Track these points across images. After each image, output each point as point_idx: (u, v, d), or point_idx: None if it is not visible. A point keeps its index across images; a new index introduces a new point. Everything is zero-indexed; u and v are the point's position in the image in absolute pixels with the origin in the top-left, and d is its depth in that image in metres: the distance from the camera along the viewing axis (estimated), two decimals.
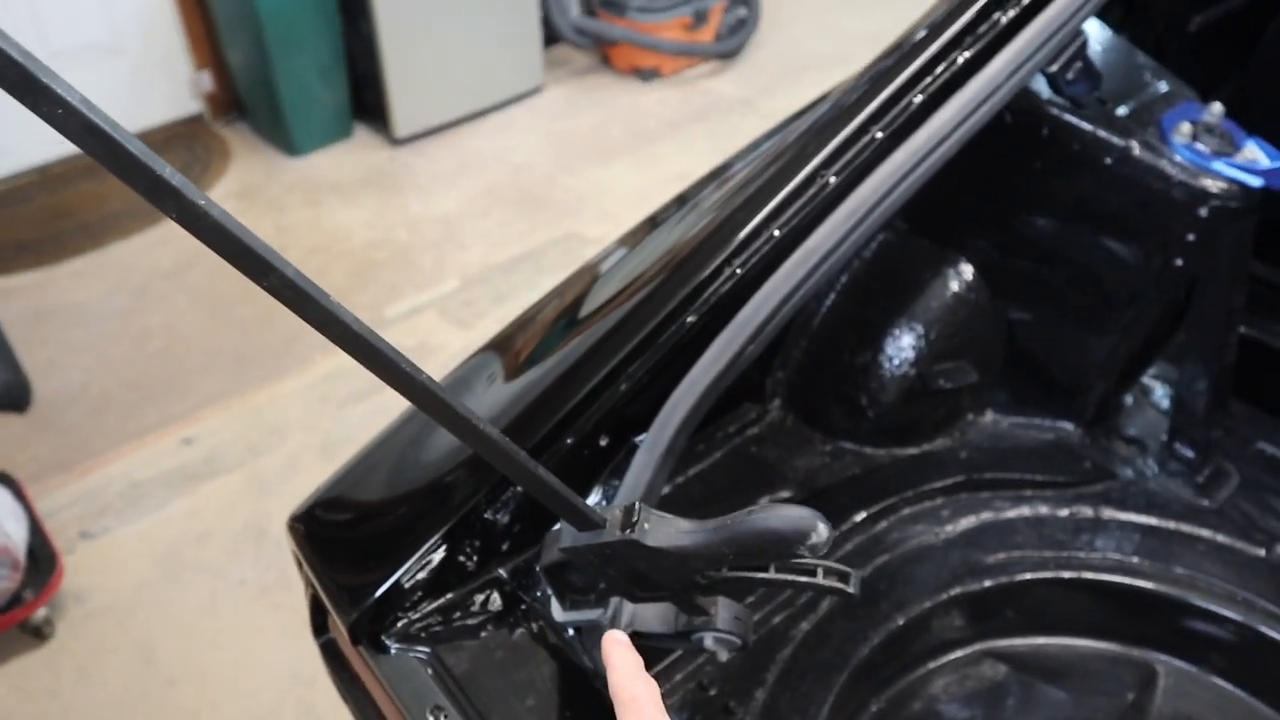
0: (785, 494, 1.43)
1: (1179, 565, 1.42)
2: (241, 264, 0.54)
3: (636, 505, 0.76)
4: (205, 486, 2.84)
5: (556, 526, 0.81)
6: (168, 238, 3.80)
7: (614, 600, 0.91)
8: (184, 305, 3.51)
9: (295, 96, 4.06)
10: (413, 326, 3.35)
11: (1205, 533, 1.47)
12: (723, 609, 0.89)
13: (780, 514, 0.72)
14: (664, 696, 0.84)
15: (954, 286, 1.55)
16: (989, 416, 1.62)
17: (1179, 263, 1.41)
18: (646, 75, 4.84)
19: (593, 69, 4.95)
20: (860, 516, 1.40)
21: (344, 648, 1.02)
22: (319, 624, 1.13)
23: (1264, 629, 1.34)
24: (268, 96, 4.09)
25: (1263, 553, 1.44)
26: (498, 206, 3.98)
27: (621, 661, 0.74)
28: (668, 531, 0.76)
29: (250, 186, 4.08)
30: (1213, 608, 1.36)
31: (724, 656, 0.90)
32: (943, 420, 1.57)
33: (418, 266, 3.65)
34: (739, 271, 1.04)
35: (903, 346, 1.52)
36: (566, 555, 0.79)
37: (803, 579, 0.79)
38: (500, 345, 1.18)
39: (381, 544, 0.99)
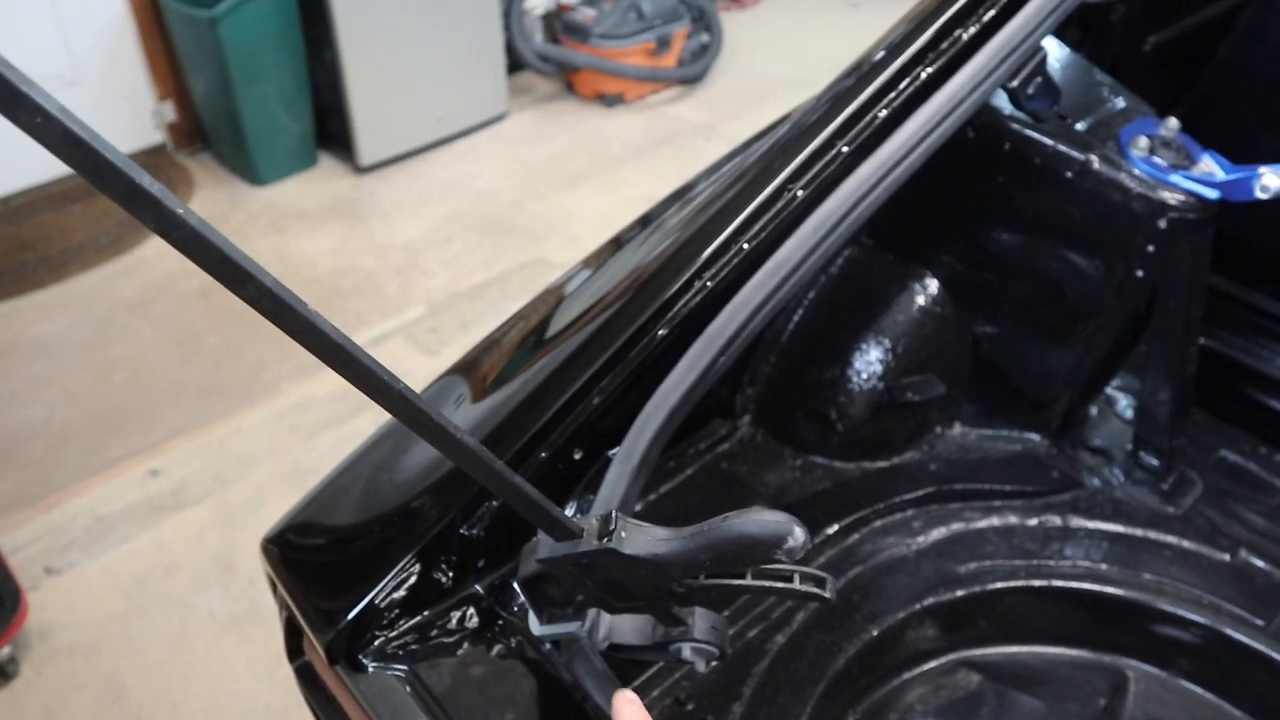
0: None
1: (1147, 571, 1.44)
2: (219, 273, 0.54)
3: (614, 514, 0.76)
4: (172, 518, 2.81)
5: (534, 540, 0.81)
6: (132, 269, 3.77)
7: (591, 613, 0.91)
8: (149, 337, 3.48)
9: (259, 126, 4.05)
10: (379, 353, 3.33)
11: (1171, 539, 1.49)
12: (700, 619, 0.90)
13: (757, 519, 0.73)
14: None
15: (920, 301, 1.57)
16: (957, 429, 1.63)
17: (1139, 274, 1.43)
18: (610, 101, 4.87)
19: (557, 95, 4.98)
20: (832, 529, 1.41)
21: (320, 669, 1.01)
22: (293, 647, 1.12)
23: (1230, 632, 1.36)
24: (231, 126, 4.08)
25: (1228, 557, 1.47)
26: (463, 233, 3.98)
27: None
28: (645, 540, 0.76)
29: (214, 216, 4.06)
30: (1180, 612, 1.38)
31: (702, 667, 0.90)
32: (912, 433, 1.58)
33: (384, 293, 3.64)
34: (709, 285, 1.05)
35: (870, 361, 1.53)
36: (545, 566, 0.79)
37: (780, 585, 0.80)
38: (466, 368, 1.18)
39: (356, 563, 0.98)
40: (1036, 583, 1.41)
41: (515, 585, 0.84)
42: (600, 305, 1.09)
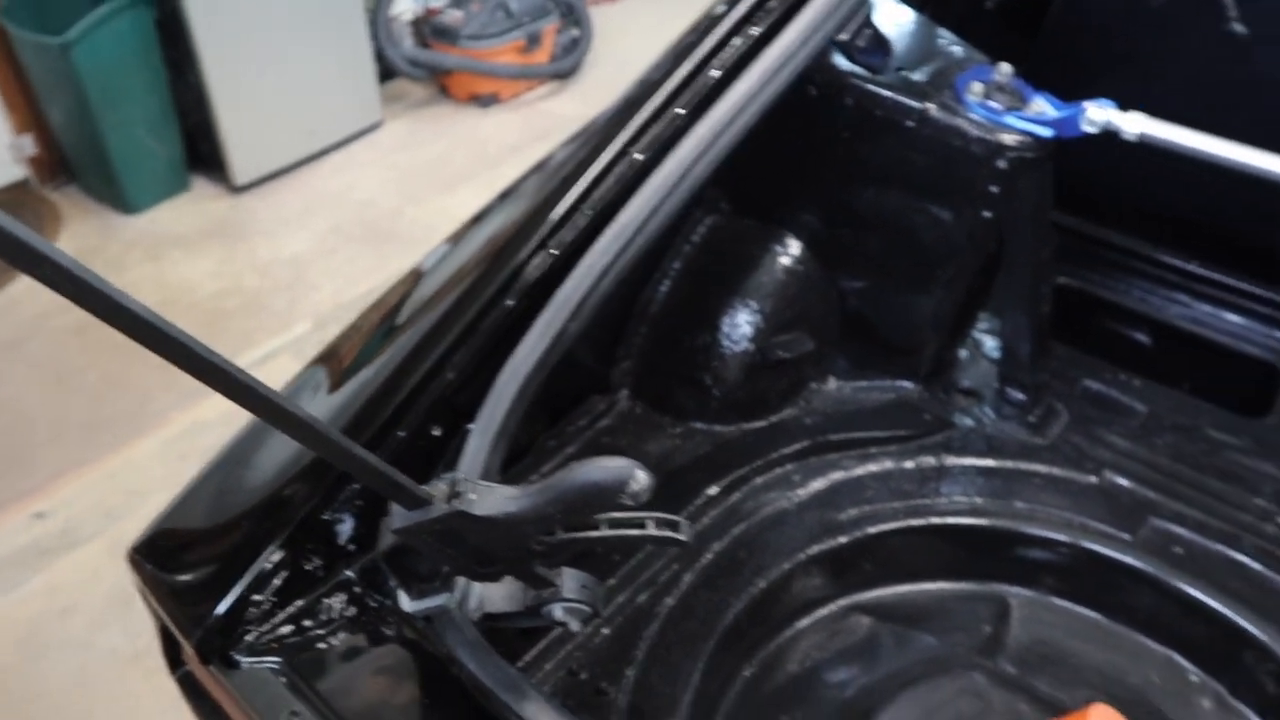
0: None
1: (1019, 500, 1.49)
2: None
3: (459, 476, 0.77)
4: (64, 559, 2.72)
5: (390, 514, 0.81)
6: (3, 309, 3.64)
7: (461, 584, 0.91)
8: (25, 377, 3.37)
9: (125, 153, 3.94)
10: (268, 372, 3.27)
11: (1041, 468, 1.55)
12: (568, 579, 0.91)
13: (598, 465, 0.74)
14: (535, 686, 0.85)
15: (783, 261, 1.60)
16: (831, 383, 1.67)
17: (986, 215, 1.48)
18: (485, 102, 4.85)
19: (431, 100, 4.94)
20: (714, 490, 1.43)
21: (198, 672, 1.00)
22: (173, 657, 1.10)
23: (1100, 548, 1.42)
24: (96, 155, 3.96)
25: (1094, 479, 1.53)
26: (345, 244, 3.93)
27: None
28: (494, 499, 0.77)
29: (86, 249, 3.94)
30: (1053, 535, 1.44)
31: (576, 627, 0.91)
32: (787, 391, 1.61)
33: (269, 311, 3.58)
34: (554, 252, 1.06)
35: (739, 324, 1.56)
36: (401, 537, 0.79)
37: (635, 533, 0.82)
38: (327, 357, 1.17)
39: (222, 561, 0.97)
40: (916, 522, 1.45)
41: (380, 561, 0.84)
42: (452, 281, 1.09)
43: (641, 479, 0.73)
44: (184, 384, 2.65)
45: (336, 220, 4.08)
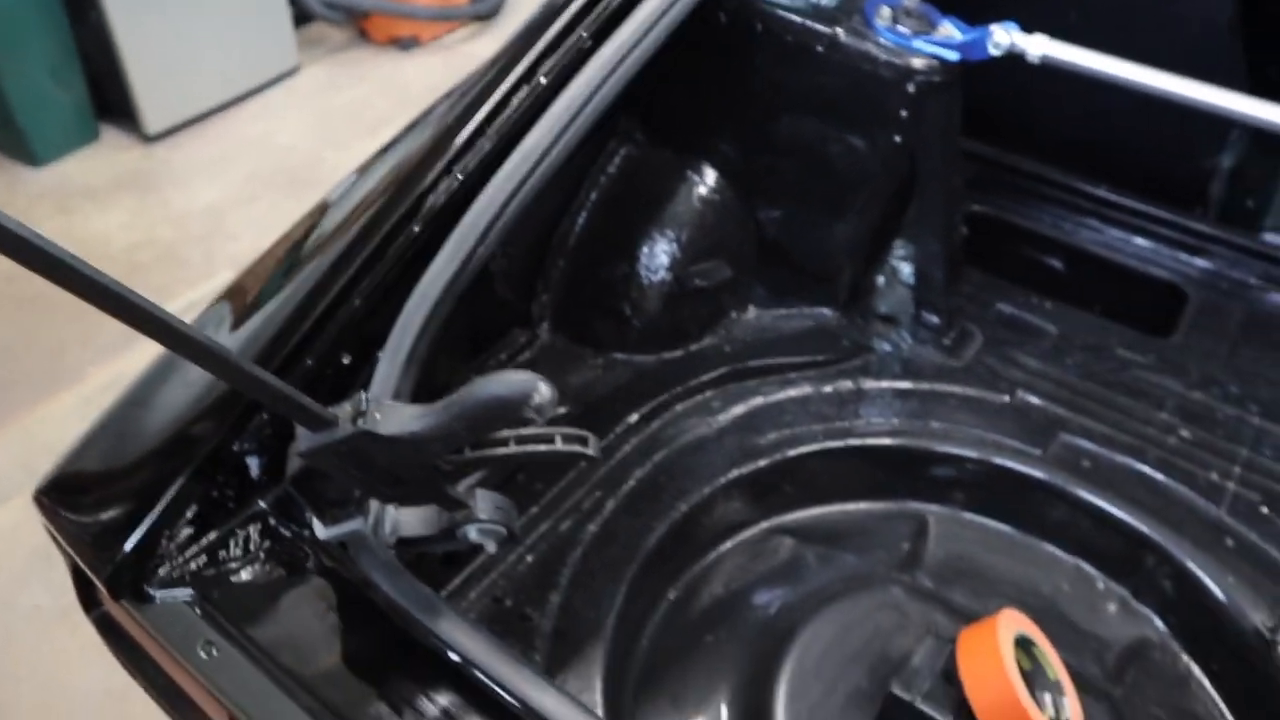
0: (560, 410, 1.45)
1: (935, 421, 1.52)
2: None
3: (363, 396, 0.77)
4: None
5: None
6: None
7: (374, 508, 0.91)
8: None
9: (27, 102, 3.80)
10: None
11: (956, 388, 1.58)
12: (482, 500, 0.91)
13: (500, 379, 0.74)
14: (450, 605, 0.86)
15: (700, 191, 1.61)
16: (751, 312, 1.69)
17: (897, 139, 1.50)
18: (406, 44, 4.76)
19: (350, 44, 4.83)
20: (634, 418, 1.44)
21: (111, 610, 0.99)
22: (88, 599, 1.09)
23: (1012, 464, 1.46)
24: None
25: (1007, 398, 1.57)
26: (265, 191, 3.85)
27: None
28: (398, 418, 0.77)
29: None
30: (967, 453, 1.47)
31: (491, 548, 0.92)
32: (707, 320, 1.62)
33: (186, 263, 3.50)
34: (460, 178, 1.05)
35: (657, 254, 1.56)
36: (306, 460, 0.79)
37: (543, 448, 0.82)
38: (232, 293, 1.16)
39: (131, 497, 0.96)
40: (835, 444, 1.48)
41: (289, 488, 0.84)
42: (358, 210, 1.08)
43: (544, 392, 0.73)
44: (101, 339, 2.60)
45: (255, 168, 3.98)
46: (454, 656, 0.83)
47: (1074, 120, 2.00)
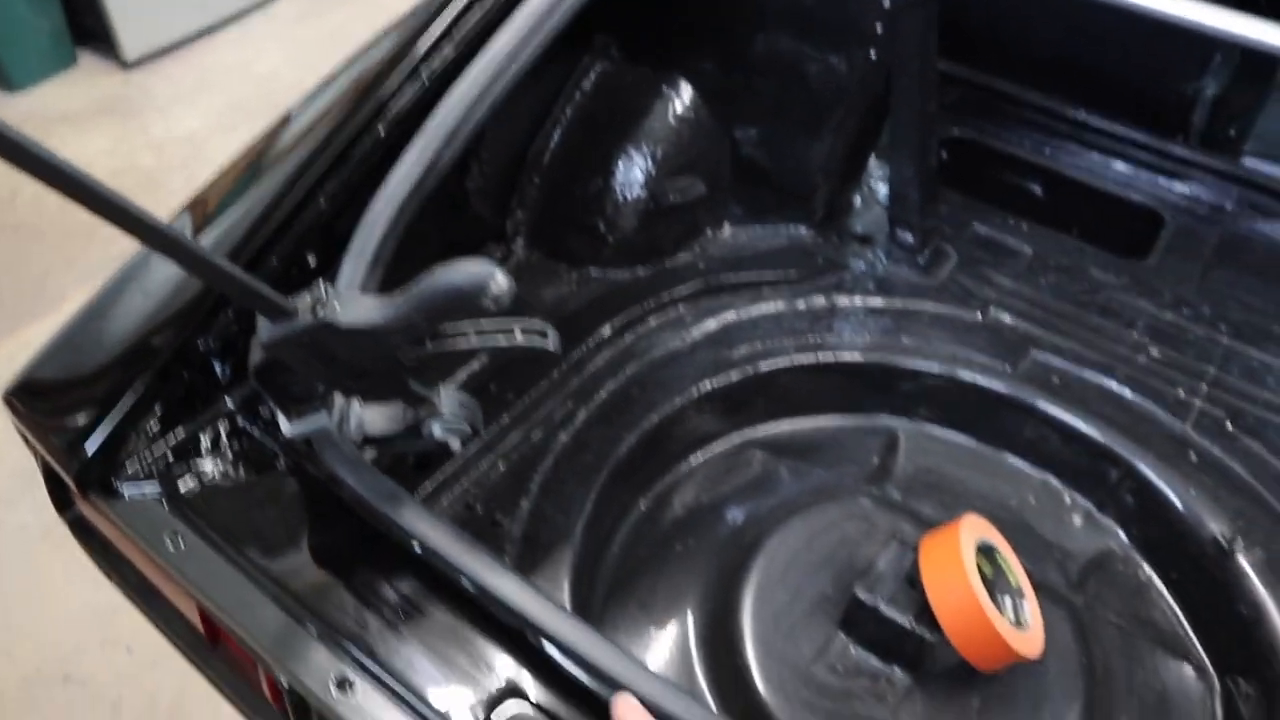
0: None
1: (906, 337, 1.53)
2: None
3: (322, 286, 0.77)
4: None
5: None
6: None
7: (340, 405, 0.92)
8: None
9: (3, 27, 3.74)
10: None
11: (929, 306, 1.59)
12: (446, 398, 0.92)
13: (457, 269, 0.74)
14: (413, 496, 0.87)
15: (675, 108, 1.60)
16: (727, 230, 1.69)
17: (873, 55, 1.49)
18: None
19: None
20: (606, 331, 1.45)
21: (81, 506, 1.00)
22: (61, 500, 1.10)
23: (981, 380, 1.47)
24: None
25: (979, 316, 1.58)
26: (246, 120, 3.80)
27: None
28: (357, 309, 0.77)
29: None
30: (937, 369, 1.49)
31: (456, 445, 0.93)
32: (681, 236, 1.63)
33: (167, 190, 3.47)
34: (425, 81, 1.05)
35: (632, 170, 1.56)
36: (268, 350, 0.79)
37: (502, 341, 0.83)
38: (199, 201, 1.15)
39: (98, 395, 0.97)
40: (807, 358, 1.49)
41: (253, 382, 0.84)
42: (325, 115, 1.08)
43: (500, 281, 0.74)
44: (83, 264, 2.57)
45: (235, 96, 3.94)
46: (416, 546, 0.85)
47: (1056, 43, 1.99)
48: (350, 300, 0.78)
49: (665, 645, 1.25)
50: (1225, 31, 1.35)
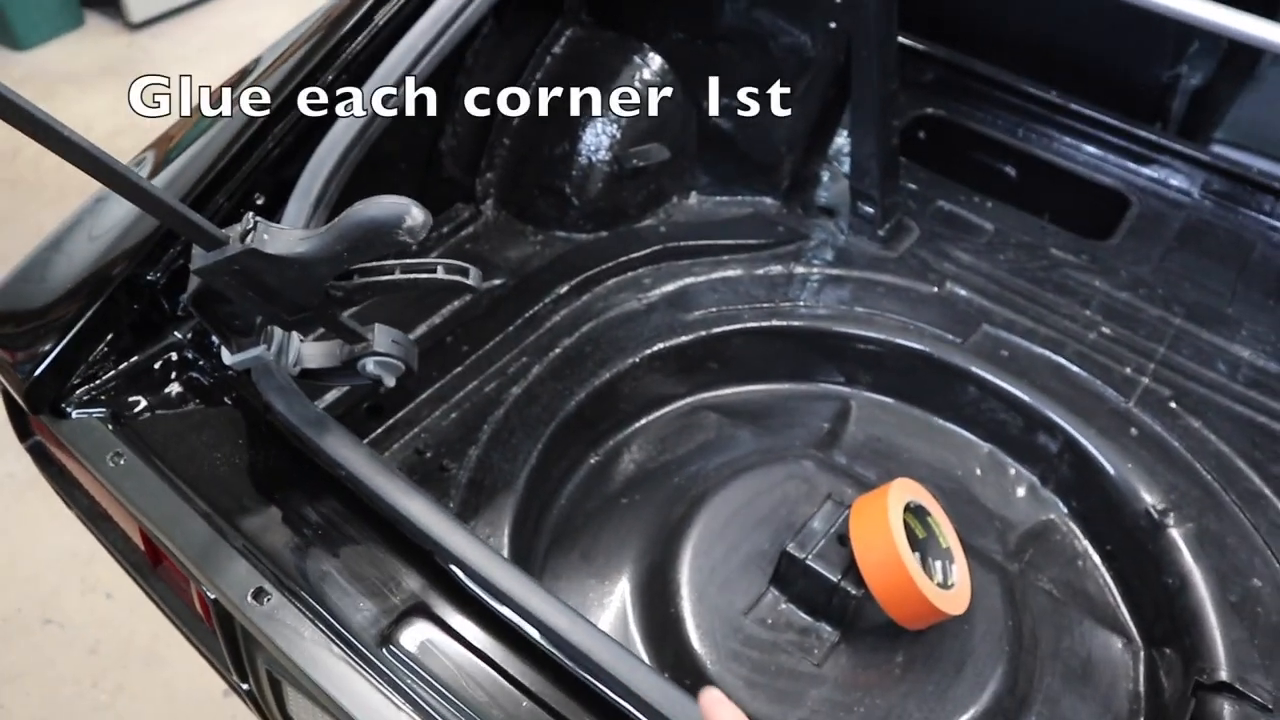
0: (497, 281, 1.49)
1: (861, 307, 1.56)
2: None
3: (251, 216, 0.81)
4: None
5: None
6: None
7: (278, 338, 0.96)
8: None
9: None
10: None
11: (886, 277, 1.62)
12: (380, 334, 0.96)
13: (375, 202, 0.78)
14: (340, 423, 0.91)
15: (644, 74, 1.63)
16: (693, 198, 1.72)
17: (833, 25, 1.52)
18: None
19: None
20: (564, 289, 1.48)
21: (36, 430, 1.04)
22: (22, 428, 1.15)
23: (933, 351, 1.50)
24: None
25: (935, 289, 1.61)
26: None
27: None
28: (284, 240, 0.81)
29: None
30: (889, 339, 1.51)
31: (390, 381, 0.97)
32: (646, 202, 1.66)
33: None
34: (380, 23, 1.08)
35: (599, 134, 1.59)
36: (200, 277, 0.83)
37: (424, 276, 0.86)
38: (159, 141, 1.19)
39: (51, 323, 1.01)
40: (759, 324, 1.52)
41: (189, 308, 0.88)
42: (283, 57, 1.11)
43: (417, 215, 0.77)
44: None
45: (239, 59, 3.92)
46: (340, 471, 0.89)
47: (1034, 27, 2.02)
48: (278, 232, 0.81)
49: (603, 593, 1.29)
50: (1199, 18, 1.38)
